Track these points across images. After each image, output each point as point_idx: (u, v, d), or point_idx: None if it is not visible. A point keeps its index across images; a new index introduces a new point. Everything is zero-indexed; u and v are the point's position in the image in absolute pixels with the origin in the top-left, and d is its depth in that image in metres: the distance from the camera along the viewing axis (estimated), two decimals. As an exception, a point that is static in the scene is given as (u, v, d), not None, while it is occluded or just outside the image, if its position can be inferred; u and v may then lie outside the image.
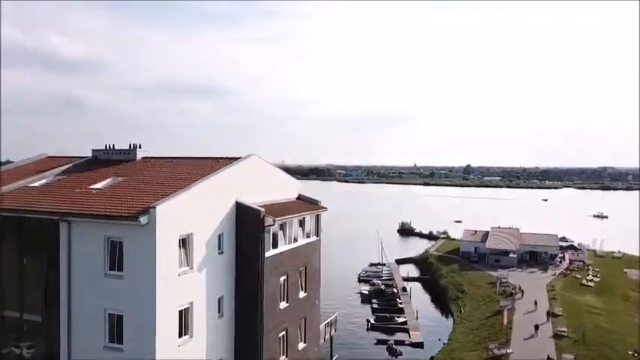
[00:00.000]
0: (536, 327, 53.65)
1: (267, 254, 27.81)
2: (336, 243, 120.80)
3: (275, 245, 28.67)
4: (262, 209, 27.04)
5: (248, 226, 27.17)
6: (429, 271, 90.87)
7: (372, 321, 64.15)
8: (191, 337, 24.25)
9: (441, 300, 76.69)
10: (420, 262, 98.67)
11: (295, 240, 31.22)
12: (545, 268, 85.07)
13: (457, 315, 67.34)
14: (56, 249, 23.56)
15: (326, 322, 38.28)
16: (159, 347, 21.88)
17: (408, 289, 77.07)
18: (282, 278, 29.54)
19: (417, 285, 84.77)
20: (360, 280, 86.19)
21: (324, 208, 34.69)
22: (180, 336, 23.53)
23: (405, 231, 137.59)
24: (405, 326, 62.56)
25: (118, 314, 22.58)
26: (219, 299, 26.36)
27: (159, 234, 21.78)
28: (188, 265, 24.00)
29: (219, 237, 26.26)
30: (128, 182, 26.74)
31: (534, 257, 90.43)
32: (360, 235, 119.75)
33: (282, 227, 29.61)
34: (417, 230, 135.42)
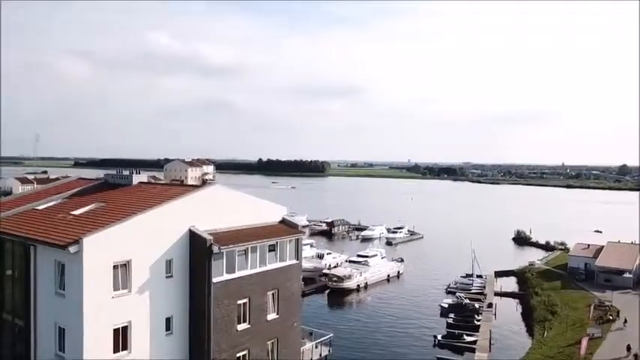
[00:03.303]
0: (629, 348, 47.65)
1: (221, 279, 29.61)
2: (446, 248, 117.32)
3: (231, 270, 30.22)
4: (209, 237, 28.79)
5: (198, 252, 29.19)
6: (525, 285, 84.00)
7: (440, 337, 61.69)
8: (130, 352, 27.03)
9: (529, 320, 70.63)
10: (520, 275, 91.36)
11: (263, 264, 32.39)
12: (668, 293, 73.47)
13: (537, 338, 61.78)
14: (29, 266, 28.01)
15: (316, 342, 38.65)
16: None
17: (494, 305, 72.22)
18: (242, 301, 31.00)
19: (512, 301, 78.84)
20: (447, 292, 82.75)
21: (302, 232, 35.24)
22: (116, 351, 26.44)
23: (521, 240, 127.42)
24: (474, 346, 59.12)
25: (63, 328, 26.34)
26: (167, 319, 28.81)
27: (87, 261, 24.93)
28: (126, 288, 26.79)
29: (168, 262, 28.70)
30: (100, 209, 30.37)
31: (657, 279, 78.55)
32: (474, 241, 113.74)
33: (244, 252, 31.06)
34: (534, 240, 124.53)
